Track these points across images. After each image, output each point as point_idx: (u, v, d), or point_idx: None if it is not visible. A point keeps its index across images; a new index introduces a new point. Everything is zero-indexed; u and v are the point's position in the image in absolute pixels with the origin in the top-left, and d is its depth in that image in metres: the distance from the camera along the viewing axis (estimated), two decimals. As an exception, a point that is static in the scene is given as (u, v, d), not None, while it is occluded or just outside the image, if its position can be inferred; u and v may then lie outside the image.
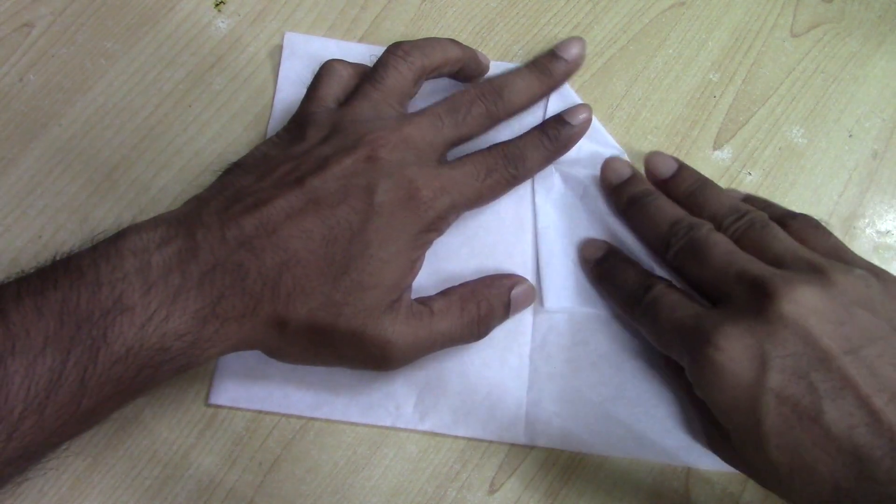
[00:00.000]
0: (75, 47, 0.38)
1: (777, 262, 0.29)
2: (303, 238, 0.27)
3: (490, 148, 0.33)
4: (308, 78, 0.37)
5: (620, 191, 0.34)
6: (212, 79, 0.38)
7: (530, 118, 0.36)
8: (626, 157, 0.36)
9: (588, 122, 0.34)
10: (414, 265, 0.30)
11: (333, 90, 0.33)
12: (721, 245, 0.30)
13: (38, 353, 0.24)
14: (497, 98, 0.33)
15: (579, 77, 0.38)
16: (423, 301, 0.31)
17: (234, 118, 0.37)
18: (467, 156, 0.32)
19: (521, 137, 0.33)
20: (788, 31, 0.40)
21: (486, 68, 0.37)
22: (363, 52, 0.38)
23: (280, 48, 0.38)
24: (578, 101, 0.36)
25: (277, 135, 0.32)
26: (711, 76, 0.39)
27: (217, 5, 0.39)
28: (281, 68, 0.37)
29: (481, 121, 0.33)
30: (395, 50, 0.33)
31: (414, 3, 0.39)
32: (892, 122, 0.38)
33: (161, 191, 0.36)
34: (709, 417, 0.29)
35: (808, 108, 0.38)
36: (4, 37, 0.37)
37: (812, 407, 0.25)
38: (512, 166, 0.32)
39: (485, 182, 0.31)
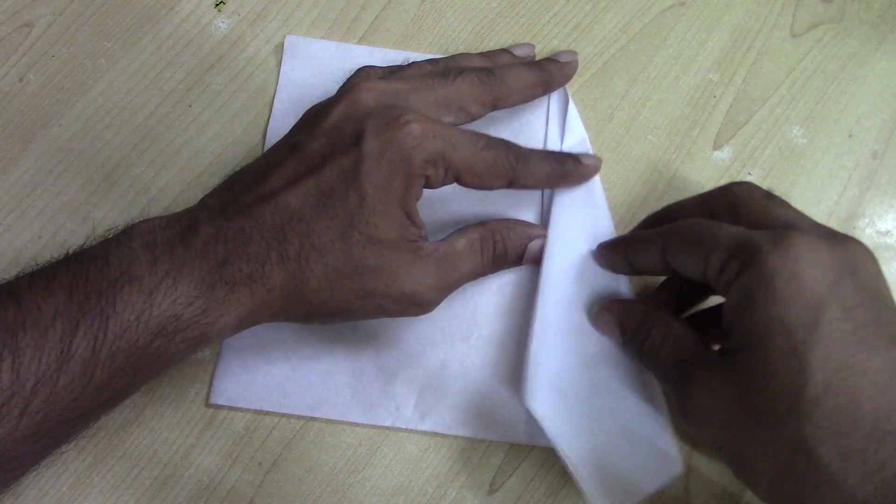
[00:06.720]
0: (75, 47, 0.38)
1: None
2: (299, 195, 0.28)
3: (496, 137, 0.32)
4: (308, 79, 0.37)
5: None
6: (212, 79, 0.38)
7: (531, 117, 0.37)
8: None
9: (595, 169, 0.34)
10: (412, 216, 0.29)
11: None
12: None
13: (48, 326, 0.24)
14: (487, 72, 0.32)
15: (579, 77, 0.38)
16: (447, 241, 0.30)
17: (234, 118, 0.37)
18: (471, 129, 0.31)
19: (529, 147, 0.32)
20: (788, 31, 0.40)
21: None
22: (363, 54, 0.38)
23: (280, 48, 0.38)
24: (580, 124, 0.37)
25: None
26: (711, 76, 0.39)
27: (217, 5, 0.39)
28: (281, 70, 0.37)
29: (473, 88, 0.32)
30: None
31: (414, 3, 0.39)
32: (892, 122, 0.38)
33: (161, 191, 0.36)
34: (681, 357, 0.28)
35: (808, 108, 0.38)
36: (4, 37, 0.38)
37: (874, 335, 0.24)
38: (513, 157, 0.31)
39: (481, 152, 0.29)
